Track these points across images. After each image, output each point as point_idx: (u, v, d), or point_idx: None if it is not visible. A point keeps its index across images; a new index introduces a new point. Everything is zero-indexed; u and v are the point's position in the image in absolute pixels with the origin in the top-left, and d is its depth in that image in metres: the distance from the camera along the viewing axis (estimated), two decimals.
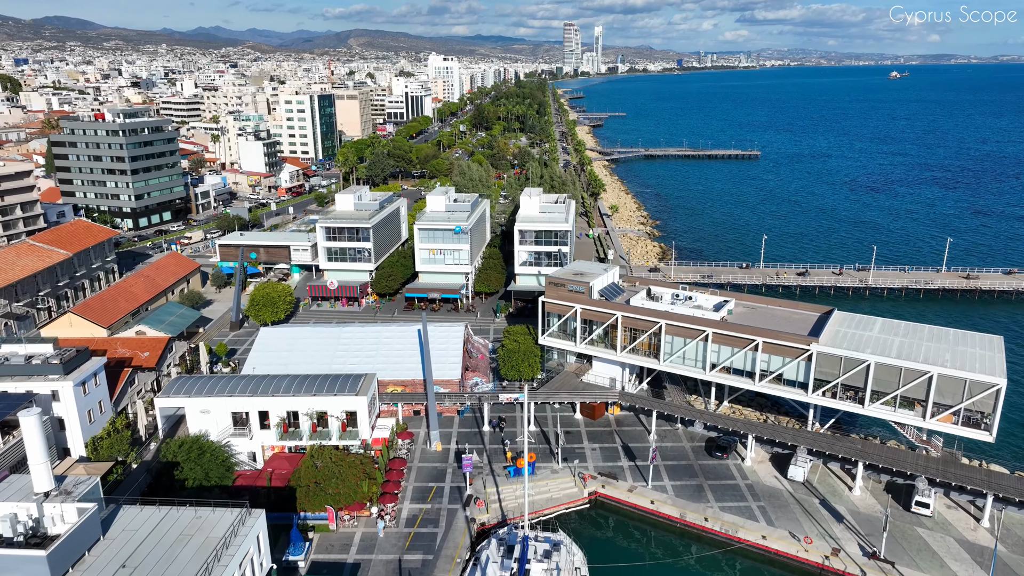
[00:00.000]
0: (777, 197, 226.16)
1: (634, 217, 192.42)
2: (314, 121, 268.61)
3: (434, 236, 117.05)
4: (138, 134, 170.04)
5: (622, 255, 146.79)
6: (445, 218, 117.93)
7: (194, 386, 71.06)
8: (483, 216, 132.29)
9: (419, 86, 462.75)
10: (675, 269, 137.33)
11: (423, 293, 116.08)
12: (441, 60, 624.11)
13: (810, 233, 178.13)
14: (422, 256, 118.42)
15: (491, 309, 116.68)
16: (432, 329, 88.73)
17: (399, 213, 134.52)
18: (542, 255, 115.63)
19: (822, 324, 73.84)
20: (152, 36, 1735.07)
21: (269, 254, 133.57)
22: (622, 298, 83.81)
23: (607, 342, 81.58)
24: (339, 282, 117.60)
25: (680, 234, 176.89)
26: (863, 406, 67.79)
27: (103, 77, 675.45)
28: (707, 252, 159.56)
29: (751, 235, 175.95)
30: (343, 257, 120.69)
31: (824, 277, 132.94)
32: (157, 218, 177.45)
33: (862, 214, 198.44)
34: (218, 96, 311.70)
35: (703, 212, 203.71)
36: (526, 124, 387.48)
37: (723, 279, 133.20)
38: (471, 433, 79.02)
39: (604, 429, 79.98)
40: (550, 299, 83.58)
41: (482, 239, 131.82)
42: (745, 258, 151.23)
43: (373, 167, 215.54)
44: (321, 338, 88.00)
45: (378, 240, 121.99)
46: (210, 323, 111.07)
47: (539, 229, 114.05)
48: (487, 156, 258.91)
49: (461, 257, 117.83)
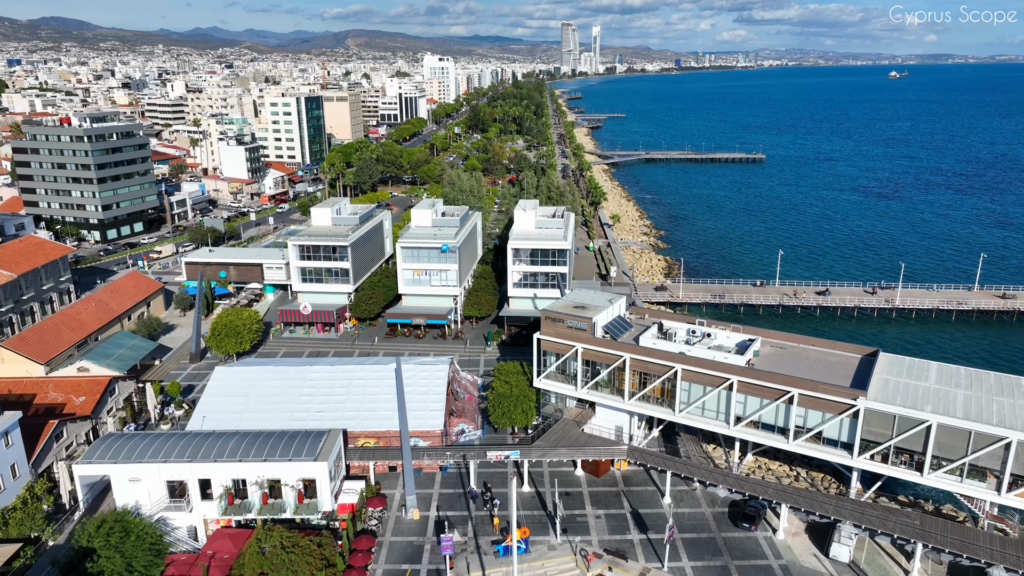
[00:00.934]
0: (785, 204, 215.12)
1: (636, 227, 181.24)
2: (301, 124, 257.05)
3: (418, 255, 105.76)
4: (106, 140, 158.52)
5: (625, 271, 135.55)
6: (431, 235, 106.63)
7: (123, 448, 59.67)
8: (474, 231, 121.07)
9: (413, 87, 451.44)
10: (683, 287, 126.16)
11: (406, 319, 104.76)
12: (437, 60, 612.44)
13: (824, 245, 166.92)
14: (405, 277, 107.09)
15: (482, 335, 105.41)
16: (411, 369, 77.46)
17: (382, 227, 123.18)
18: (538, 276, 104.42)
19: (867, 370, 62.67)
20: (149, 37, 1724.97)
21: (240, 273, 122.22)
22: (629, 335, 72.58)
23: (613, 387, 70.32)
24: (313, 306, 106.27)
25: (686, 246, 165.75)
26: (922, 474, 56.63)
27: (96, 78, 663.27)
28: (716, 267, 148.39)
29: (761, 247, 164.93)
30: (318, 278, 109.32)
31: (846, 297, 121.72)
32: (127, 229, 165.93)
33: (877, 224, 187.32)
34: (202, 98, 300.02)
35: (709, 221, 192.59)
36: (523, 126, 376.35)
37: (736, 299, 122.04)
38: (454, 496, 67.74)
39: (610, 489, 68.75)
40: (547, 336, 72.32)
41: (472, 256, 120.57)
42: (758, 274, 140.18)
43: (360, 173, 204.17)
44: (284, 379, 76.65)
45: (358, 259, 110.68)
46: (168, 354, 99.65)
47: (535, 247, 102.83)
48: (482, 160, 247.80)
49: (449, 278, 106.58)
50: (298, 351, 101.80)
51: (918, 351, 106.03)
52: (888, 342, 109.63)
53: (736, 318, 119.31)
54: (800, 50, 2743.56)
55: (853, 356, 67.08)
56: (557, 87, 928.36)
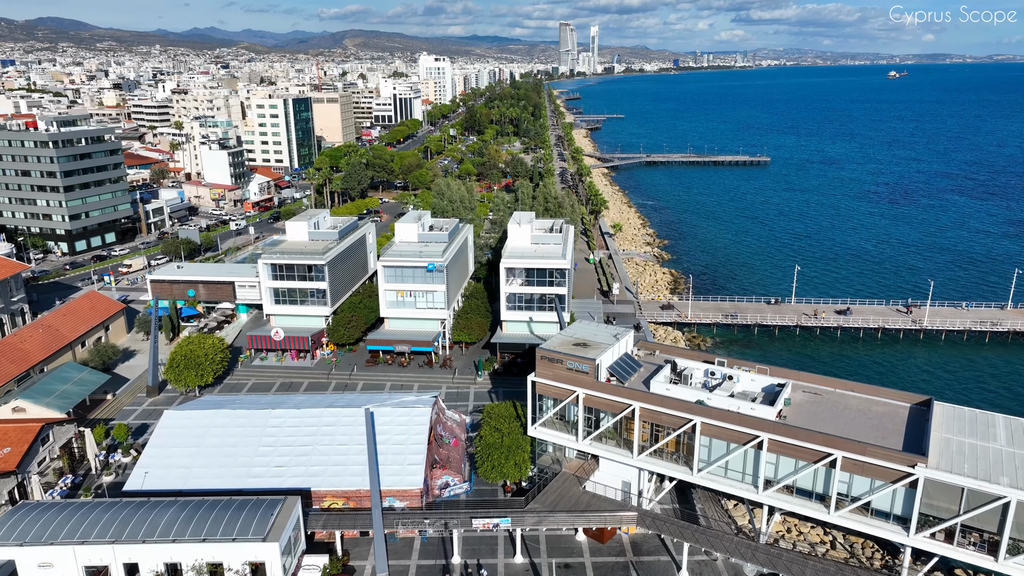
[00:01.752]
0: (794, 211, 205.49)
1: (639, 236, 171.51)
2: (288, 127, 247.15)
3: (402, 274, 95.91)
4: (74, 145, 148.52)
5: (629, 287, 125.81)
6: (416, 252, 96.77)
7: (33, 525, 49.81)
8: (464, 246, 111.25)
9: (408, 87, 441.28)
10: (692, 305, 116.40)
11: (389, 345, 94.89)
12: (433, 60, 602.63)
13: (840, 257, 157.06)
14: (388, 299, 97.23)
15: (472, 363, 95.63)
16: (386, 415, 67.61)
17: (365, 242, 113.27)
18: (534, 298, 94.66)
19: (920, 426, 53.05)
20: (146, 37, 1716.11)
21: (210, 292, 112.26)
22: (638, 376, 62.89)
23: (620, 438, 60.66)
24: (287, 330, 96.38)
25: (692, 257, 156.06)
26: (996, 560, 46.99)
27: (89, 79, 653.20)
28: (725, 282, 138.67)
29: (772, 259, 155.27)
30: (293, 299, 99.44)
31: (869, 317, 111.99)
32: (98, 240, 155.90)
33: (892, 233, 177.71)
34: (187, 99, 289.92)
35: (715, 230, 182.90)
36: (520, 128, 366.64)
37: (750, 318, 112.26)
38: (434, 569, 57.96)
39: (617, 559, 58.97)
40: (543, 379, 62.62)
41: (463, 274, 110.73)
42: (770, 289, 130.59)
43: (349, 179, 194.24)
44: (241, 427, 66.78)
45: (336, 278, 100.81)
46: (123, 387, 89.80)
47: (530, 267, 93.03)
48: (477, 165, 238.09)
49: (436, 300, 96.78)
50: (268, 382, 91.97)
51: (954, 380, 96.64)
52: (918, 369, 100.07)
53: (750, 340, 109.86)
54: (798, 50, 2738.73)
55: (902, 406, 57.33)
56: (555, 87, 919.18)
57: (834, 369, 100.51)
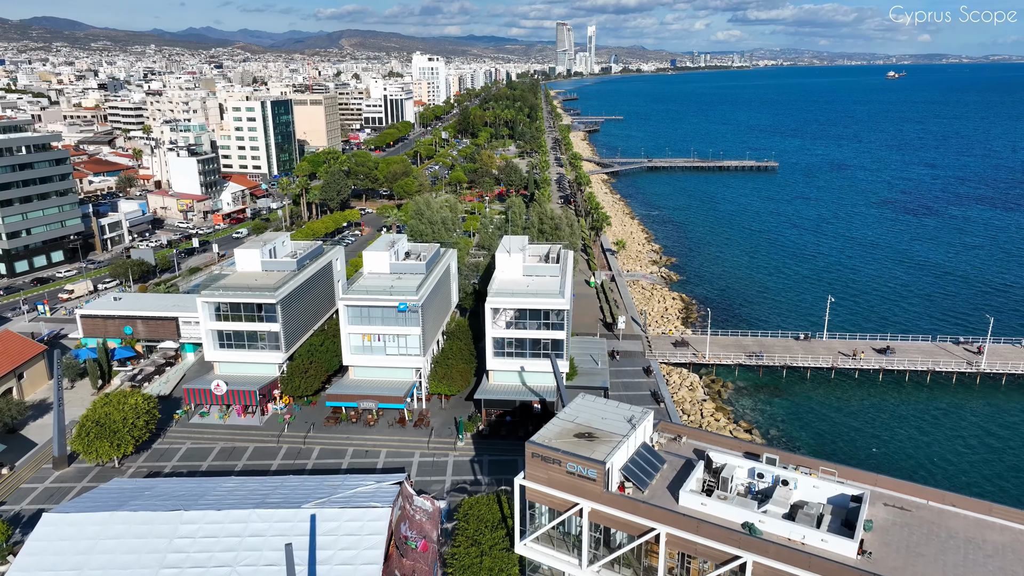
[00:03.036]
0: (810, 223, 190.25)
1: (644, 253, 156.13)
2: (267, 131, 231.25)
3: (369, 315, 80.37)
4: (13, 154, 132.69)
5: (636, 318, 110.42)
6: (386, 287, 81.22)
7: None
8: (446, 275, 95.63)
9: (399, 88, 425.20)
10: (710, 340, 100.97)
11: (352, 402, 79.34)
12: (426, 60, 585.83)
13: (871, 281, 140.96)
14: (352, 344, 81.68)
15: (453, 421, 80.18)
16: (331, 519, 52.01)
17: (331, 271, 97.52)
18: (526, 343, 79.23)
19: None
20: (141, 37, 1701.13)
21: (150, 328, 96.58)
22: (662, 477, 47.50)
23: (639, 568, 45.25)
24: (232, 382, 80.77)
25: (703, 279, 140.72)
26: None
27: (77, 78, 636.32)
28: (743, 309, 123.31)
29: (793, 282, 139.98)
30: (239, 343, 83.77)
31: (917, 357, 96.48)
32: (43, 260, 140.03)
33: (923, 251, 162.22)
34: (162, 101, 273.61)
35: (726, 246, 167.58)
36: (516, 130, 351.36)
37: (777, 359, 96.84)
38: None
39: None
40: (535, 484, 47.21)
41: (444, 308, 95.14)
42: (794, 319, 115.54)
43: (327, 188, 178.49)
44: (142, 537, 51.11)
45: (293, 317, 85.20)
46: (25, 456, 73.99)
47: (522, 307, 77.56)
48: (468, 171, 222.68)
49: (410, 345, 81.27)
50: (207, 446, 76.38)
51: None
52: (980, 426, 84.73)
53: (778, 385, 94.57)
54: (795, 50, 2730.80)
55: None
56: (552, 87, 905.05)
57: (879, 419, 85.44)
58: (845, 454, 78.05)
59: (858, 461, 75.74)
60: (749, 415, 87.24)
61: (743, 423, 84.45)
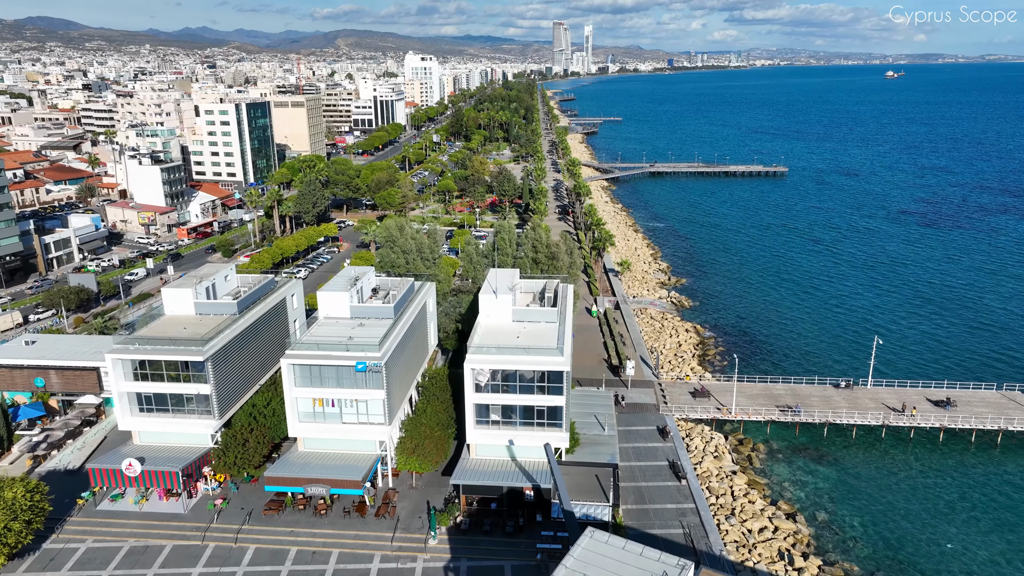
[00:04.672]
0: (829, 239, 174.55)
1: (651, 273, 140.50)
2: (242, 135, 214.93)
3: (321, 375, 64.55)
4: None
5: (646, 359, 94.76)
6: (342, 340, 65.36)
7: None
8: (421, 317, 79.72)
9: (390, 89, 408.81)
10: (736, 390, 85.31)
11: (298, 487, 63.43)
12: (419, 60, 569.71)
13: (907, 311, 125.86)
14: (301, 410, 65.86)
15: (424, 507, 64.42)
16: None
17: (284, 310, 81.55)
18: (516, 412, 63.60)
19: None
20: (136, 37, 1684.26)
21: (65, 381, 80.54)
22: None
23: None
24: (153, 456, 64.90)
25: (718, 304, 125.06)
26: None
27: (66, 78, 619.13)
28: (765, 344, 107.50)
29: (821, 312, 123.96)
30: (162, 408, 67.87)
31: (985, 414, 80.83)
32: None
33: (963, 275, 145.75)
34: (133, 103, 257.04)
35: (741, 264, 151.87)
36: (511, 133, 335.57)
37: (816, 414, 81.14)
38: None
39: None
40: None
41: (417, 358, 79.22)
42: (830, 359, 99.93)
43: (302, 200, 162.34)
44: None
45: (230, 375, 69.35)
46: None
47: (510, 368, 61.87)
48: (459, 179, 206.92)
49: (371, 412, 65.47)
50: (112, 545, 60.48)
51: None
52: None
53: (818, 444, 79.10)
54: (791, 50, 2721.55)
55: None
56: (549, 88, 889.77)
57: (943, 495, 69.93)
58: (910, 555, 62.47)
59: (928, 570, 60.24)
60: (789, 491, 71.60)
61: (783, 504, 68.81)
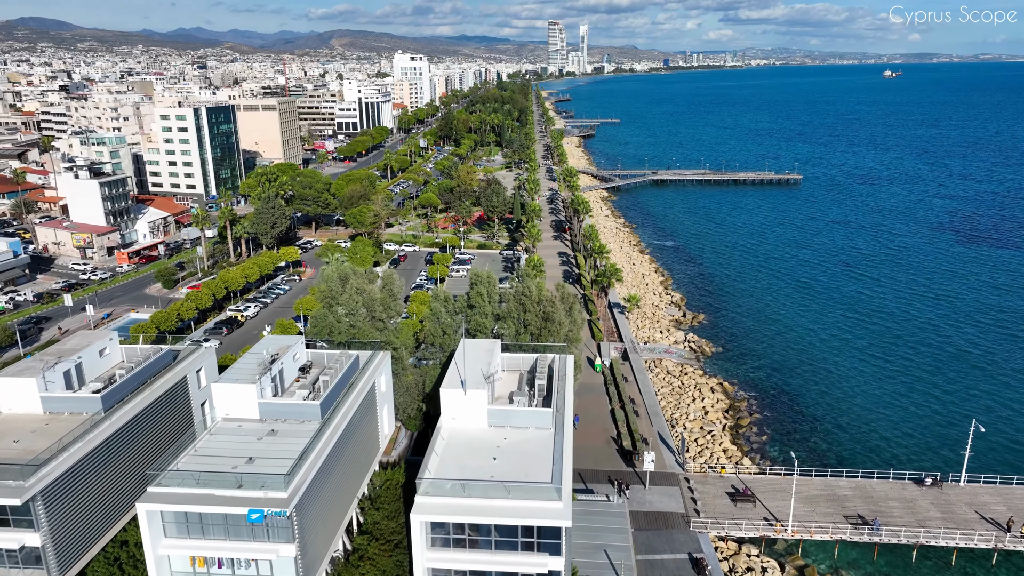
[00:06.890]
0: (861, 260, 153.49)
1: (663, 308, 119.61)
2: (203, 143, 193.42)
3: (202, 523, 43.35)
4: None
5: (668, 442, 73.72)
6: (237, 463, 44.14)
7: None
8: (367, 405, 58.17)
9: (376, 90, 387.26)
10: (795, 491, 64.29)
11: None
12: (408, 59, 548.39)
13: (981, 366, 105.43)
14: (175, 570, 44.63)
15: None
16: None
17: (186, 393, 60.16)
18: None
19: None
20: (129, 37, 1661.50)
21: None
22: None
23: None
24: None
25: (743, 349, 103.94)
26: None
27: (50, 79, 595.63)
28: (809, 406, 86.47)
29: (876, 366, 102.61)
30: None
31: None
32: None
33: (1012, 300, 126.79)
34: (87, 107, 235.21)
35: (765, 295, 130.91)
36: (503, 137, 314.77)
37: (903, 534, 60.20)
38: None
39: None
40: None
41: (360, 467, 57.65)
42: (901, 436, 79.00)
43: (259, 220, 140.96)
44: None
45: (80, 511, 48.10)
46: None
47: (482, 522, 40.78)
48: (443, 190, 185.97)
49: (277, 573, 44.29)
50: None
51: None
52: None
53: (906, 574, 58.04)
54: (787, 49, 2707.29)
55: None
56: (544, 88, 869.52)
57: None
58: None
59: None
60: None
61: None
